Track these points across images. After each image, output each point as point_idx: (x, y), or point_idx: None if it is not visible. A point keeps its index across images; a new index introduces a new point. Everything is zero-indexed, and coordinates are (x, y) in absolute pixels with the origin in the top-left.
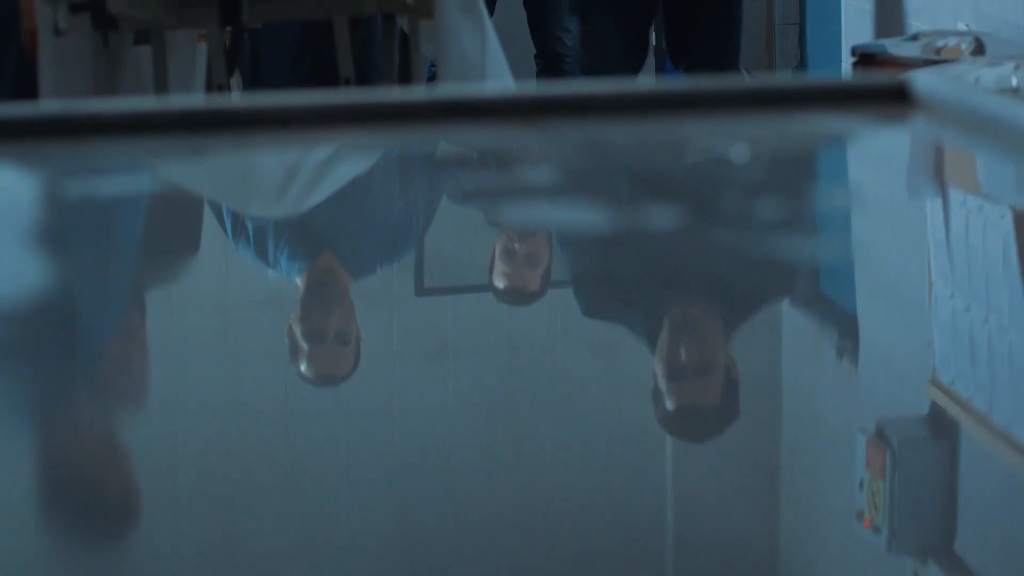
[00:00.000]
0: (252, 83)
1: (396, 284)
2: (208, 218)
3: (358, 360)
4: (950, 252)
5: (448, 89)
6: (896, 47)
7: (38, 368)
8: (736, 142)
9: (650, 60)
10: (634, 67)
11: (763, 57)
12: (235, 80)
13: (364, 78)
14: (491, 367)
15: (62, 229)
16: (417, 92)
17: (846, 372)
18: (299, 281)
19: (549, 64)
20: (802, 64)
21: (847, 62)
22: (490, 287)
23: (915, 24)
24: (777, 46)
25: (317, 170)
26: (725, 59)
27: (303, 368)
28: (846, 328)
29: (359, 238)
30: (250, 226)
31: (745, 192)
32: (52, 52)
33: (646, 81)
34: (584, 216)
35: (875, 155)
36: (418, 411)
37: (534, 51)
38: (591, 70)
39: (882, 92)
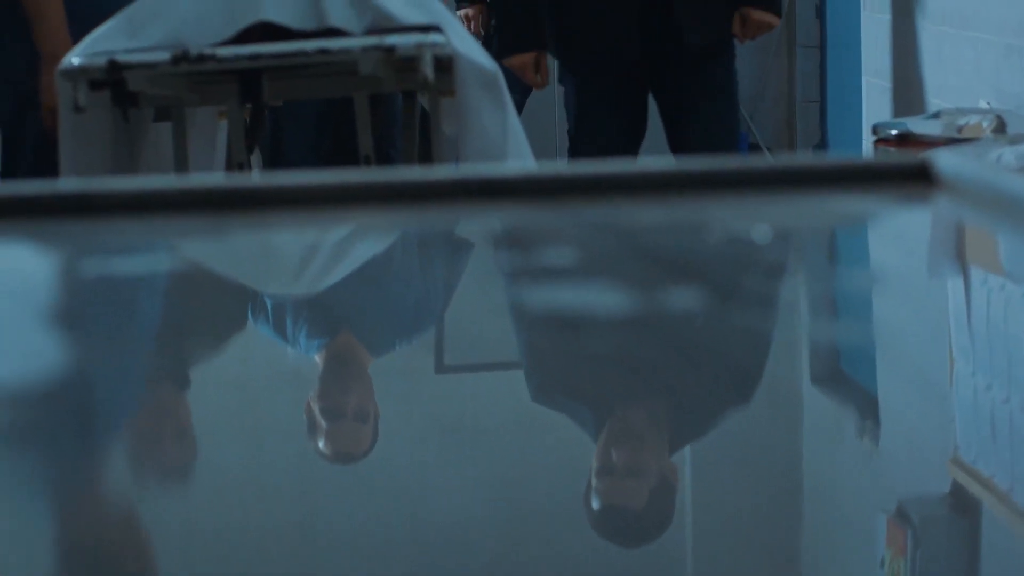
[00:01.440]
0: (272, 160)
1: (415, 361)
2: (226, 296)
3: (376, 438)
4: (971, 331)
5: (468, 169)
6: (917, 125)
7: (55, 450)
8: (758, 222)
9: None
10: (630, 150)
11: (784, 135)
12: (255, 157)
13: (384, 156)
14: (511, 445)
15: (79, 309)
16: (437, 171)
17: (867, 450)
18: (318, 358)
19: None
20: (823, 142)
21: (868, 140)
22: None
23: (936, 102)
24: (799, 124)
25: (336, 249)
26: (722, 145)
27: (321, 446)
28: (867, 406)
29: (378, 316)
30: (269, 303)
31: (767, 273)
32: (72, 129)
33: (667, 161)
34: (604, 297)
35: (897, 235)
36: (437, 489)
37: (568, 127)
38: (587, 153)
39: (904, 172)
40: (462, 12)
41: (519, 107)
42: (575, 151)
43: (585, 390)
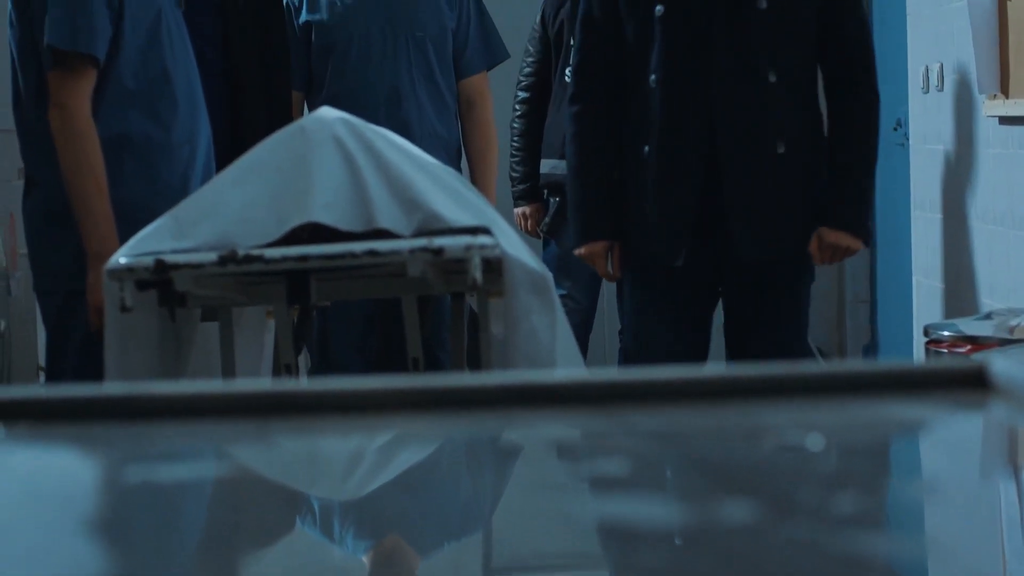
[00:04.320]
0: (320, 360)
1: (463, 564)
2: (273, 500)
3: None
4: None
5: (516, 375)
6: (969, 326)
7: None
8: (810, 431)
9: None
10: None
11: (834, 334)
12: (303, 358)
13: (432, 358)
14: None
15: (124, 515)
16: (485, 378)
17: None
18: (365, 560)
19: None
20: (874, 342)
21: (920, 340)
22: None
23: (988, 302)
24: (848, 323)
25: (383, 453)
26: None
27: None
28: None
29: (425, 519)
30: (316, 506)
31: (820, 483)
32: (118, 329)
33: (717, 367)
34: (655, 508)
35: (952, 443)
36: None
37: (619, 326)
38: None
39: (960, 377)
40: (519, 211)
41: (591, 305)
42: (627, 359)
43: None
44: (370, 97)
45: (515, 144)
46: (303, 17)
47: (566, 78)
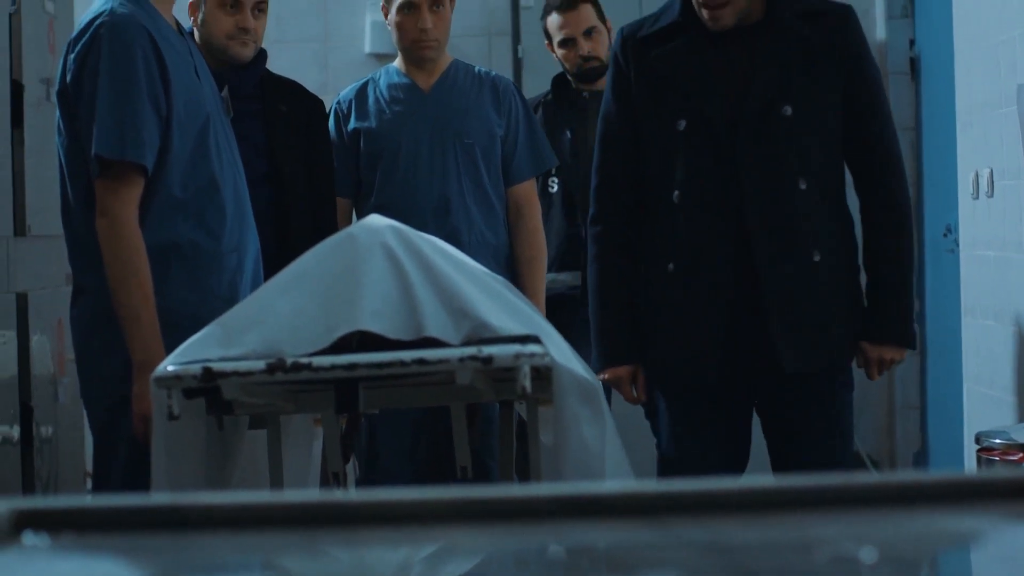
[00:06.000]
0: (368, 467)
1: None
2: None
3: None
4: None
5: (565, 486)
6: (1021, 433)
7: None
8: (863, 543)
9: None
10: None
11: (884, 442)
12: (351, 466)
13: (482, 465)
14: None
15: None
16: (533, 489)
17: None
18: None
19: None
20: (924, 449)
21: (970, 448)
22: None
23: None
24: (899, 431)
25: (431, 564)
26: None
27: None
28: None
29: None
30: None
31: None
32: (165, 437)
33: (768, 478)
34: None
35: (1007, 556)
36: None
37: (657, 447)
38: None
39: (1014, 488)
40: None
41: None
42: (664, 473)
43: None
44: (419, 205)
45: None
46: (352, 124)
47: (550, 189)
